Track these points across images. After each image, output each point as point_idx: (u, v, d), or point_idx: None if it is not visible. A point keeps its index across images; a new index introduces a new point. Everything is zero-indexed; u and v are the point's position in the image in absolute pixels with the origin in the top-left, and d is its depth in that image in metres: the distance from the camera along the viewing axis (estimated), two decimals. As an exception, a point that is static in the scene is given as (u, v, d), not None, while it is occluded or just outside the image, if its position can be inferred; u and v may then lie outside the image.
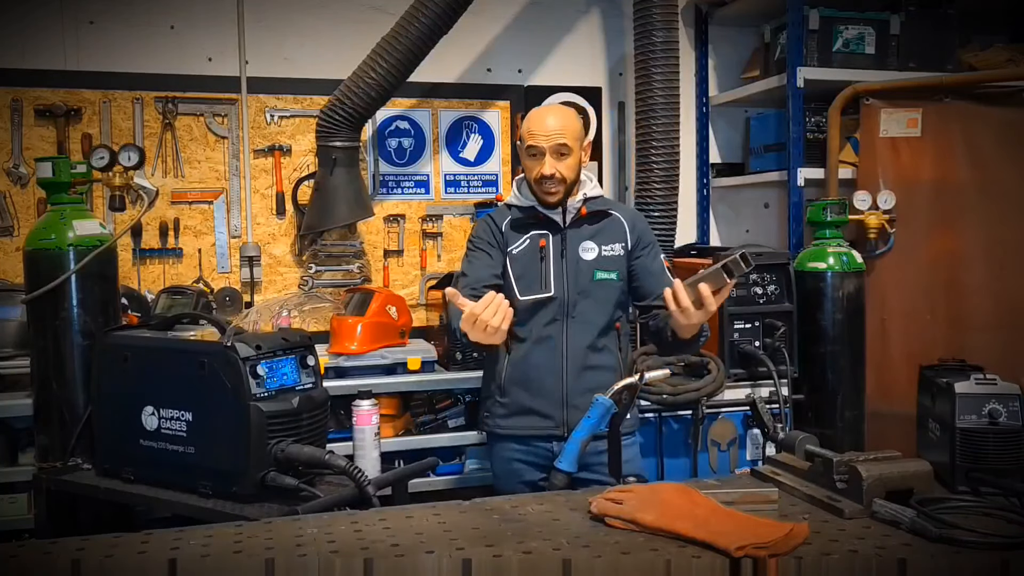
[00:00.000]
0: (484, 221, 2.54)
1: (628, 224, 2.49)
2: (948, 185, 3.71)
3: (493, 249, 2.46)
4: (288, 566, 1.39)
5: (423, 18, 3.39)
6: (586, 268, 2.42)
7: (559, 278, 2.40)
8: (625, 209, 2.59)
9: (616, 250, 2.45)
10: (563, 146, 2.35)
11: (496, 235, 2.47)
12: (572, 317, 2.40)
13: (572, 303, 2.40)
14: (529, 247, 2.43)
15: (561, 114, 2.43)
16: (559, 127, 2.36)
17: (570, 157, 2.37)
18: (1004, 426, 1.80)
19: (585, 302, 2.41)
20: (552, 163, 2.34)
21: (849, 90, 3.68)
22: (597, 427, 1.98)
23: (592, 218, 2.46)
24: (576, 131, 2.40)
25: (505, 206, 2.54)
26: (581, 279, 2.42)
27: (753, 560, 1.38)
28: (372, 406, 2.28)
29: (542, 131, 2.35)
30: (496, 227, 2.48)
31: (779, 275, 3.36)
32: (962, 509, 1.60)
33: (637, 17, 3.63)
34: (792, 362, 3.27)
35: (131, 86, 3.60)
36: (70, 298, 2.35)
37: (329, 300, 3.71)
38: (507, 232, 2.47)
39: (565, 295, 2.40)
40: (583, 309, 2.41)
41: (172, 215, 3.67)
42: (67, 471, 2.32)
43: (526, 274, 2.42)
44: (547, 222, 2.45)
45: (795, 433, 1.91)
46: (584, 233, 2.45)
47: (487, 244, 2.47)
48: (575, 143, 2.38)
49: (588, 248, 2.44)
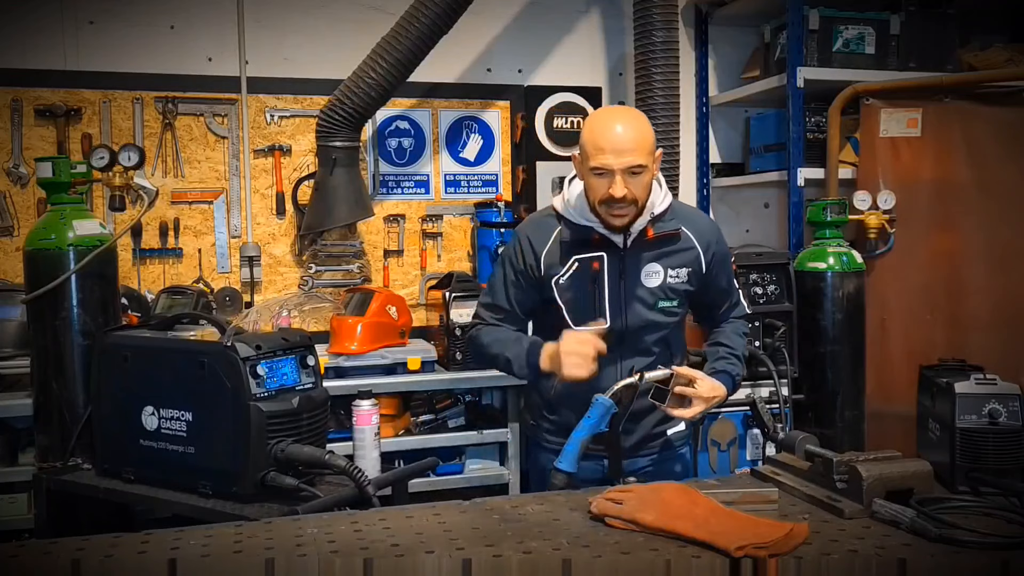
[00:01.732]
0: (516, 242, 2.19)
1: (700, 245, 2.16)
2: (948, 185, 3.71)
3: (522, 277, 2.17)
4: (288, 566, 1.39)
5: (423, 18, 3.39)
6: (648, 296, 2.13)
7: (616, 306, 2.11)
8: (697, 222, 2.20)
9: (683, 276, 2.14)
10: (638, 167, 1.98)
11: (531, 264, 2.15)
12: (628, 348, 2.14)
13: (630, 334, 2.13)
14: (579, 271, 2.11)
15: (634, 124, 2.01)
16: (633, 143, 1.97)
17: (645, 176, 2.01)
18: (1004, 426, 1.80)
19: (644, 332, 2.15)
20: (623, 183, 1.97)
21: (849, 90, 3.68)
22: (597, 427, 1.98)
23: (662, 239, 2.13)
24: (650, 143, 2.02)
25: (552, 215, 2.17)
26: (641, 308, 2.13)
27: (753, 560, 1.38)
28: (372, 406, 2.27)
29: (611, 147, 1.97)
30: (532, 252, 2.14)
31: (779, 275, 3.37)
32: (962, 509, 1.60)
33: (637, 17, 3.63)
34: (792, 362, 3.27)
35: (131, 86, 3.61)
36: (70, 298, 2.35)
37: (329, 300, 3.71)
38: (548, 257, 2.13)
39: (624, 325, 2.12)
40: (642, 337, 2.15)
41: (172, 215, 3.67)
42: (67, 471, 2.32)
43: (578, 301, 2.11)
44: (604, 242, 2.11)
45: (795, 433, 1.91)
46: (648, 256, 2.12)
47: (514, 270, 2.18)
48: (649, 159, 2.00)
49: (652, 272, 2.12)
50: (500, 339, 2.17)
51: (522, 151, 3.99)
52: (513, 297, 2.19)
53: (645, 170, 2.00)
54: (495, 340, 2.17)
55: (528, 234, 2.18)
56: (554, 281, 2.12)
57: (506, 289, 2.20)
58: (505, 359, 2.14)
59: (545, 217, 2.21)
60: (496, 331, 2.20)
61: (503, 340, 2.16)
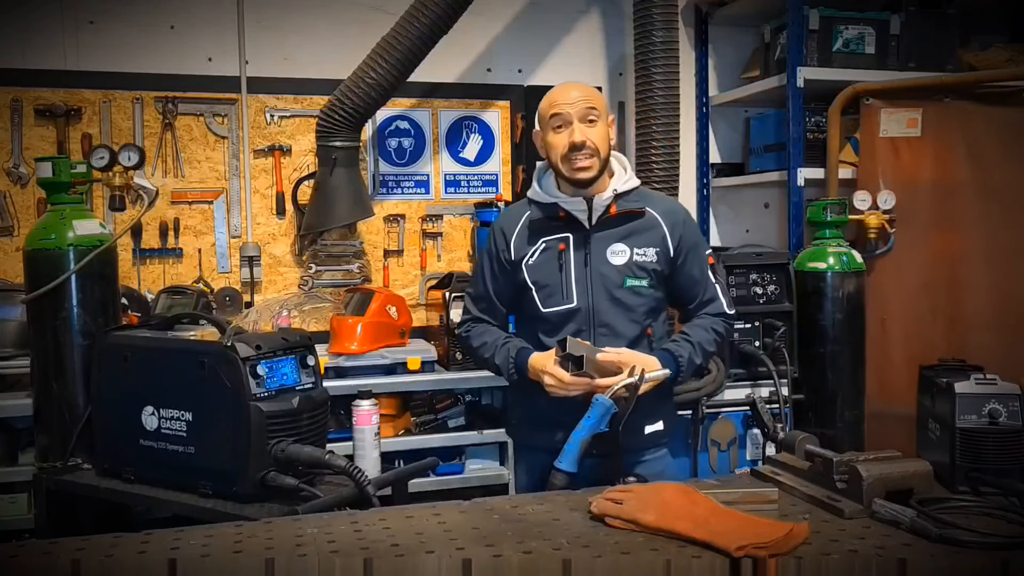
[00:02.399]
0: (491, 230, 2.31)
1: (667, 225, 2.20)
2: (948, 185, 3.71)
3: (496, 264, 2.26)
4: (288, 566, 1.39)
5: (423, 18, 3.39)
6: (614, 275, 2.16)
7: (582, 286, 2.16)
8: (664, 204, 2.27)
9: (650, 255, 2.18)
10: (592, 110, 2.11)
11: (502, 250, 2.24)
12: (599, 328, 2.16)
13: (598, 313, 2.16)
14: (547, 253, 2.19)
15: (584, 85, 2.20)
16: (585, 94, 2.14)
17: (600, 125, 2.12)
18: (1004, 426, 1.80)
19: (613, 311, 2.17)
20: (582, 129, 2.10)
21: (849, 90, 3.68)
22: (597, 427, 1.98)
23: (623, 217, 2.18)
24: (602, 101, 2.17)
25: (524, 202, 2.29)
26: (608, 287, 2.16)
27: (753, 560, 1.38)
28: (372, 406, 2.27)
29: (566, 99, 2.12)
30: (503, 239, 2.24)
31: (779, 275, 3.37)
32: (962, 509, 1.60)
33: (637, 17, 3.63)
34: (792, 362, 3.27)
35: (131, 86, 3.61)
36: (70, 298, 2.35)
37: (329, 300, 3.71)
38: (518, 241, 2.22)
39: (590, 305, 2.16)
40: (611, 319, 2.16)
41: (172, 215, 3.67)
42: (67, 471, 2.32)
43: (547, 283, 2.18)
44: (570, 222, 2.18)
45: (795, 433, 1.91)
46: (613, 234, 2.18)
47: (489, 258, 2.28)
48: (604, 111, 2.15)
49: (617, 251, 2.17)
50: (487, 342, 2.26)
51: (522, 151, 3.99)
52: (492, 287, 2.28)
53: (599, 119, 2.13)
54: (482, 342, 2.27)
55: (500, 223, 2.30)
56: (524, 263, 2.21)
57: (485, 279, 2.29)
58: (493, 363, 2.24)
59: (518, 206, 2.32)
60: (483, 333, 2.28)
61: (490, 343, 2.25)
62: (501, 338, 2.25)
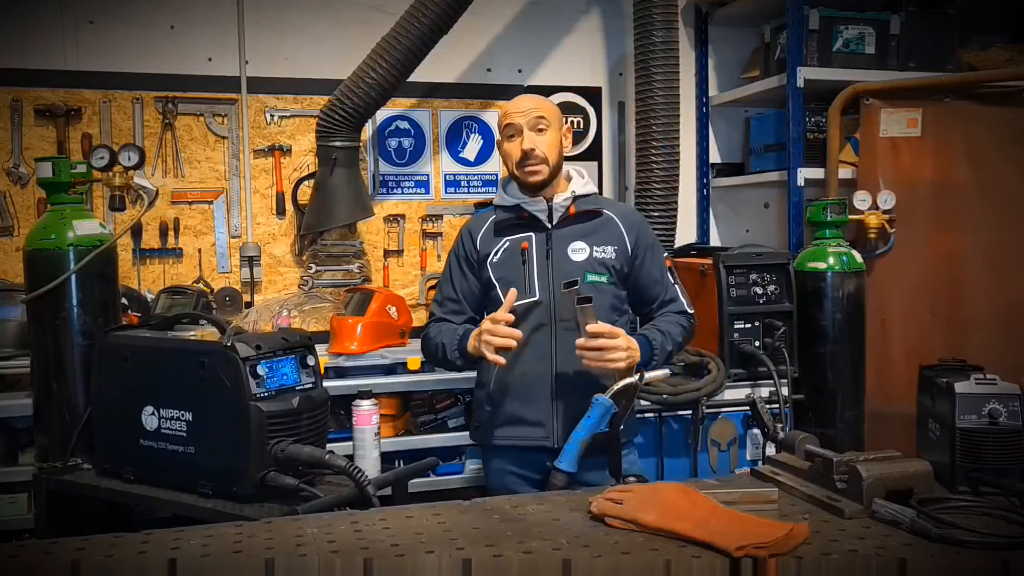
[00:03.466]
0: (460, 233, 2.43)
1: (624, 225, 2.34)
2: (948, 185, 3.71)
3: (464, 263, 2.37)
4: (288, 566, 1.39)
5: (423, 18, 3.39)
6: (574, 270, 2.25)
7: (544, 281, 2.26)
8: (620, 208, 2.45)
9: (609, 252, 2.30)
10: (541, 119, 2.26)
11: (469, 250, 2.36)
12: (561, 322, 2.24)
13: (560, 307, 2.25)
14: (510, 250, 2.30)
15: (536, 97, 2.36)
16: (534, 104, 2.29)
17: (549, 133, 2.27)
18: (1004, 426, 1.80)
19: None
20: (531, 137, 2.25)
21: (849, 90, 3.68)
22: (597, 427, 1.98)
23: (583, 217, 2.32)
24: (553, 111, 2.31)
25: (492, 208, 2.42)
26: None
27: (753, 560, 1.38)
28: (372, 406, 2.27)
29: (516, 109, 2.28)
30: (470, 239, 2.37)
31: (779, 275, 3.36)
32: (962, 509, 1.60)
33: (637, 17, 3.63)
34: (792, 362, 3.27)
35: (131, 86, 3.61)
36: (70, 298, 2.35)
37: (329, 300, 3.71)
38: (483, 240, 2.35)
39: (551, 299, 2.25)
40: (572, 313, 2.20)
41: (172, 215, 3.67)
42: (67, 471, 2.32)
43: (510, 279, 2.28)
44: (533, 222, 2.31)
45: (795, 433, 1.91)
46: (573, 233, 2.30)
47: (457, 259, 2.39)
48: (554, 120, 2.29)
49: (578, 248, 2.29)
50: (442, 330, 2.35)
51: (522, 151, 3.99)
52: (458, 287, 2.37)
53: (548, 127, 2.27)
54: (438, 332, 2.36)
55: (468, 226, 2.43)
56: (488, 261, 2.32)
57: (452, 280, 2.39)
58: (440, 344, 2.32)
59: (486, 212, 2.44)
60: (441, 325, 2.37)
61: (443, 331, 2.34)
62: (453, 327, 2.34)
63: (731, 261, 3.33)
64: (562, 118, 2.36)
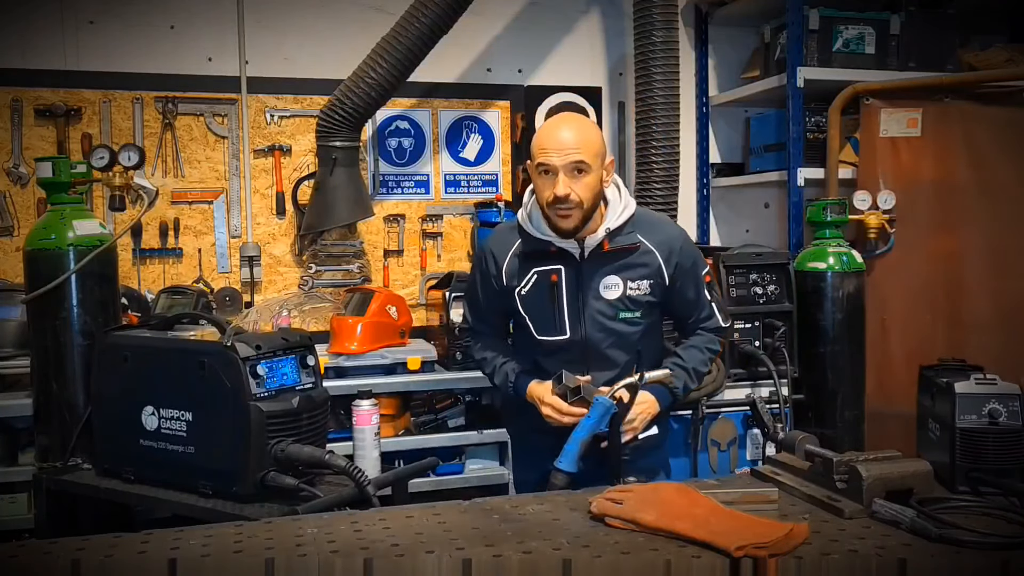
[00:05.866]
0: (482, 252, 2.28)
1: (662, 256, 2.14)
2: (948, 185, 3.71)
3: (489, 286, 2.25)
4: (288, 566, 1.39)
5: (423, 18, 3.39)
6: (607, 308, 2.13)
7: (575, 319, 2.14)
8: (660, 231, 2.18)
9: (644, 287, 2.14)
10: (580, 163, 2.00)
11: (495, 275, 2.21)
12: (594, 358, 2.16)
13: (592, 344, 2.15)
14: (538, 284, 2.15)
15: (577, 125, 2.07)
16: (575, 142, 2.01)
17: (589, 175, 2.02)
18: (1004, 426, 1.80)
19: (607, 342, 2.16)
20: (566, 182, 2.00)
21: (849, 90, 3.68)
22: (597, 427, 1.98)
23: (619, 252, 2.13)
24: (596, 145, 2.05)
25: (515, 228, 2.22)
26: (601, 320, 2.14)
27: (753, 560, 1.38)
28: (372, 406, 2.27)
29: (554, 146, 2.01)
30: (495, 263, 2.21)
31: (779, 275, 3.36)
32: (962, 509, 1.60)
33: (637, 17, 3.63)
34: (792, 362, 3.27)
35: (131, 86, 3.61)
36: (70, 298, 2.35)
37: (329, 300, 3.71)
38: (509, 270, 2.19)
39: (583, 337, 2.15)
40: (605, 349, 2.16)
41: (172, 215, 3.67)
42: (67, 471, 2.31)
43: (539, 314, 2.17)
44: (562, 253, 2.13)
45: (795, 433, 1.91)
46: (606, 268, 2.13)
47: (483, 277, 2.26)
48: (595, 160, 2.03)
49: (611, 284, 2.13)
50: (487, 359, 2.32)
51: (522, 151, 3.99)
52: (485, 304, 2.31)
53: (589, 170, 2.03)
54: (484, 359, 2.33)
55: (492, 246, 2.26)
56: (516, 292, 2.19)
57: (479, 292, 2.31)
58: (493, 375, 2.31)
59: (509, 230, 2.27)
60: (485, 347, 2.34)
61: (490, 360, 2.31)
62: (500, 356, 2.30)
63: (731, 261, 3.33)
64: (604, 152, 2.08)
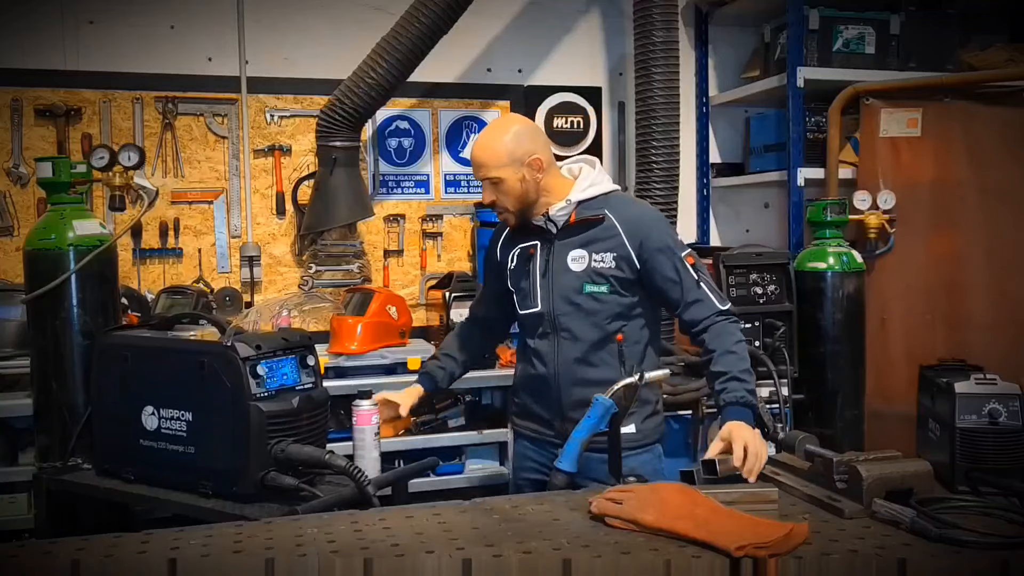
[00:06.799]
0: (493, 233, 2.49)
1: (624, 229, 2.22)
2: (948, 185, 3.72)
3: (491, 268, 2.46)
4: (288, 566, 1.39)
5: (423, 18, 3.39)
6: (573, 281, 2.24)
7: (545, 291, 2.27)
8: (628, 209, 2.28)
9: (608, 261, 2.22)
10: (489, 179, 2.22)
11: (493, 253, 2.45)
12: (561, 332, 2.26)
13: (558, 317, 2.26)
14: (520, 259, 2.34)
15: (482, 142, 2.24)
16: (480, 159, 2.22)
17: (504, 183, 2.20)
18: (1004, 426, 1.81)
19: (572, 316, 2.24)
20: (489, 192, 2.24)
21: (849, 90, 3.68)
22: (597, 427, 1.98)
23: (584, 224, 2.25)
24: (499, 158, 2.19)
25: None
26: (567, 293, 2.25)
27: (753, 560, 1.38)
28: (372, 406, 2.27)
29: (472, 162, 2.27)
30: (494, 243, 2.44)
31: (779, 275, 3.36)
32: (962, 509, 1.60)
33: (637, 17, 3.63)
34: (792, 362, 3.27)
35: (131, 86, 3.61)
36: (70, 298, 2.34)
37: (329, 300, 3.71)
38: (502, 247, 2.41)
39: (551, 310, 2.27)
40: (570, 324, 2.25)
41: (172, 215, 3.67)
42: (67, 471, 2.31)
43: (520, 287, 2.34)
44: (540, 229, 2.29)
45: (795, 433, 1.91)
46: (574, 241, 2.25)
47: (487, 261, 2.50)
48: (502, 170, 2.19)
49: (577, 258, 2.24)
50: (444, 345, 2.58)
51: (522, 151, 3.99)
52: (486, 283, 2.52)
53: (501, 181, 2.21)
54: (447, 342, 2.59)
55: (497, 227, 2.47)
56: (508, 269, 2.38)
57: (484, 275, 2.54)
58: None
59: None
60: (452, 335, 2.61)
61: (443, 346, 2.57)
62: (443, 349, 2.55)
63: (731, 261, 3.33)
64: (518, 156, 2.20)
